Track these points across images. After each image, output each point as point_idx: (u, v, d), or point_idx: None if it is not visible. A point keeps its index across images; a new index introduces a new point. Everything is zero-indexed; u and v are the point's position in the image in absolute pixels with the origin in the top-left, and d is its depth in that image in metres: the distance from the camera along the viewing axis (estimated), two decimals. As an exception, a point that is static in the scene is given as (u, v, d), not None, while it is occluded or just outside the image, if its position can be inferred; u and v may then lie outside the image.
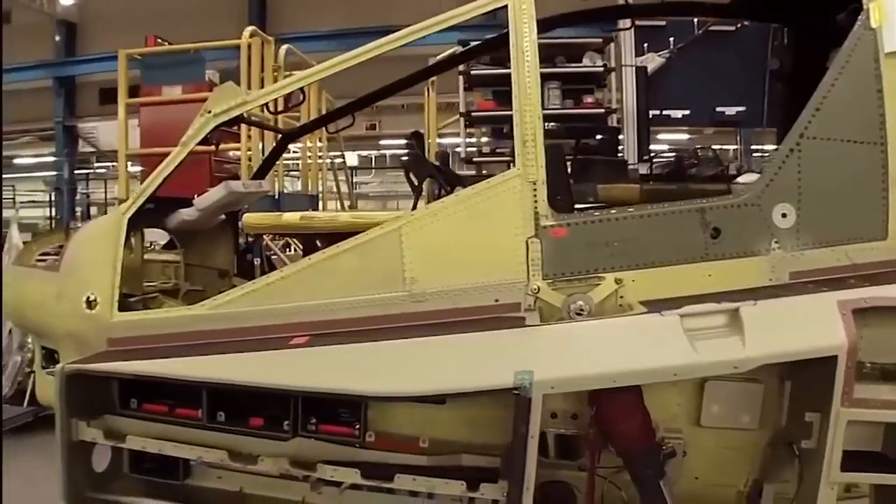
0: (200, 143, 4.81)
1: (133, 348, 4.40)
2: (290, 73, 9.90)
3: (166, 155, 4.76)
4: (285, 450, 4.17)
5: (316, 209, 9.63)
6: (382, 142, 32.97)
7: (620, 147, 9.40)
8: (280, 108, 5.64)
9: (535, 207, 4.19)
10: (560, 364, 3.69)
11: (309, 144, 10.22)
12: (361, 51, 4.45)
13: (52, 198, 32.48)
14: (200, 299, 6.10)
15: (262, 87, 8.55)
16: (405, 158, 5.12)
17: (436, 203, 4.29)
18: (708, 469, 4.22)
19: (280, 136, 6.36)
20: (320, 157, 10.26)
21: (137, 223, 4.84)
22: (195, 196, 5.32)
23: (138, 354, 4.28)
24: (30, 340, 11.07)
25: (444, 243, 4.23)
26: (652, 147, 10.38)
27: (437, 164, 4.94)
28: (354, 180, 31.29)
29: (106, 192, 35.06)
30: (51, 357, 5.11)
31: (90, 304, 4.52)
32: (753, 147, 17.03)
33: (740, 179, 7.33)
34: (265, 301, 4.30)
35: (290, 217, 6.91)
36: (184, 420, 4.24)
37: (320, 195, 9.93)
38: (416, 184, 5.15)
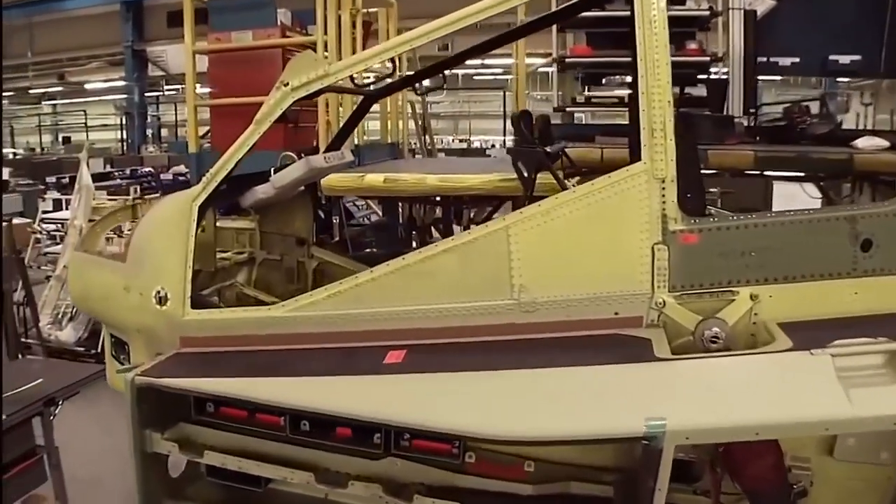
0: (277, 121, 4.28)
1: (208, 351, 4.02)
2: (368, 11, 9.28)
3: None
4: (375, 470, 3.74)
5: (397, 158, 9.11)
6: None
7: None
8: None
9: (663, 209, 3.60)
10: (695, 410, 3.12)
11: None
12: (462, 14, 3.85)
13: (123, 121, 32.59)
14: (277, 269, 5.86)
15: (339, 29, 7.92)
16: (512, 147, 4.51)
17: (549, 200, 3.71)
18: (833, 501, 3.68)
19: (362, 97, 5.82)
20: (399, 102, 9.68)
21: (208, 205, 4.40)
22: (271, 171, 4.82)
23: (214, 363, 3.90)
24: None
25: (558, 247, 3.68)
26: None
27: (547, 149, 4.29)
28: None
29: (176, 114, 35.09)
30: (121, 345, 4.79)
31: (160, 299, 4.14)
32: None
33: (858, 143, 6.58)
34: (353, 304, 3.84)
35: (374, 178, 6.36)
36: (264, 429, 3.84)
37: (400, 144, 9.38)
38: (526, 175, 4.54)
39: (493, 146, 34.08)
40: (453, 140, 37.44)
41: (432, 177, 6.40)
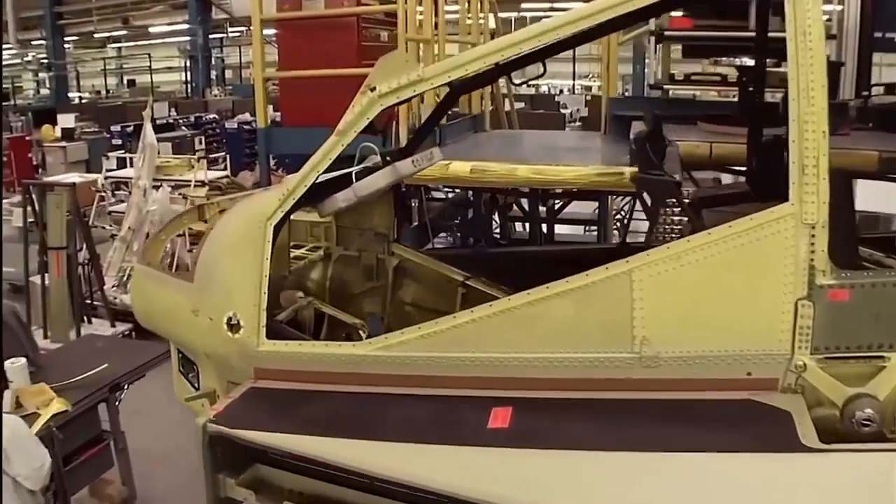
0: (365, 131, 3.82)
1: (286, 388, 3.65)
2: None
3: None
4: None
5: (478, 131, 8.53)
6: (524, 4, 30.45)
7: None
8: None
9: (811, 259, 3.08)
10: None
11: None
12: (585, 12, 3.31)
13: (187, 64, 32.42)
14: (354, 266, 5.45)
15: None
16: (637, 174, 3.95)
17: (679, 243, 3.20)
18: None
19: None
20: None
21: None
22: (352, 175, 4.33)
23: (293, 406, 3.54)
24: (168, 245, 10.79)
25: (688, 296, 3.19)
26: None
27: (676, 178, 3.70)
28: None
29: (240, 56, 34.83)
30: (189, 362, 4.47)
31: (232, 326, 3.77)
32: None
33: None
34: (449, 347, 3.41)
35: (460, 168, 5.83)
36: (347, 477, 3.47)
37: (481, 115, 8.78)
38: (652, 206, 3.98)
39: (561, 91, 33.17)
40: (521, 84, 36.47)
41: (524, 168, 5.86)
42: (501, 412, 3.19)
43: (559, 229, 9.10)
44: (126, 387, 6.17)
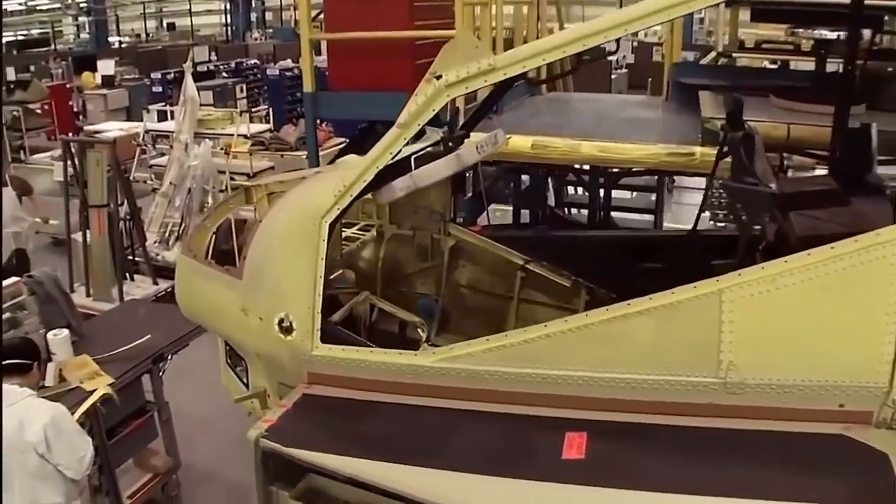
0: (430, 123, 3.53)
1: (341, 397, 3.45)
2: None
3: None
4: None
5: (534, 94, 8.14)
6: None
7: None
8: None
9: None
10: None
11: (525, 12, 8.65)
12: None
13: (227, 7, 32.06)
14: (408, 245, 5.22)
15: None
16: (728, 181, 3.58)
17: (776, 264, 2.89)
18: None
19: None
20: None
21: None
22: (411, 161, 4.05)
23: (349, 419, 3.34)
24: (210, 201, 10.63)
25: (782, 321, 2.91)
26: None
27: (772, 187, 3.33)
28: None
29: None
30: (237, 355, 4.27)
31: (285, 328, 3.55)
32: None
33: None
34: (520, 362, 3.17)
35: (520, 143, 5.50)
36: None
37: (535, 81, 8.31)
38: (744, 223, 3.60)
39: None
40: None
41: (588, 144, 5.53)
42: (576, 439, 2.95)
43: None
44: (170, 357, 6.04)
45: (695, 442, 2.93)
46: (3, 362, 4.29)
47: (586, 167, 6.98)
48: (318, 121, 8.45)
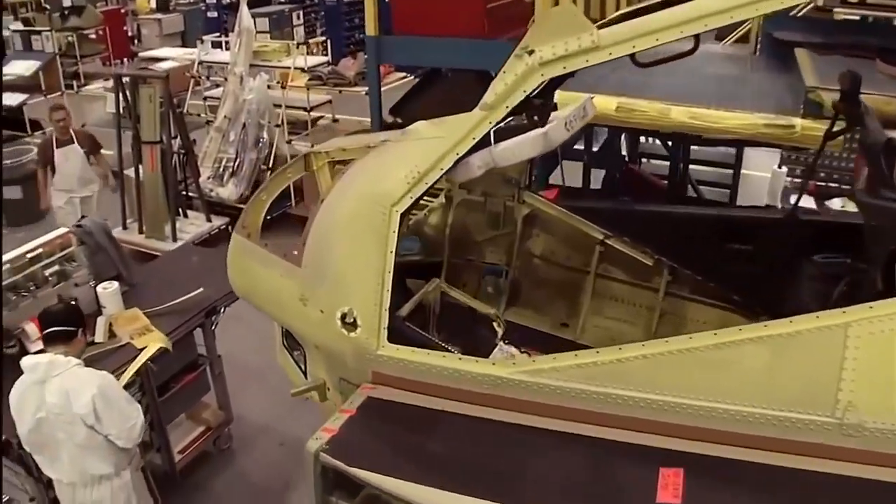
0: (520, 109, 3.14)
1: (408, 404, 3.20)
2: None
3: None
4: None
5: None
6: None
7: None
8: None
9: None
10: None
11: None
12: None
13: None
14: (479, 211, 4.89)
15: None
16: (863, 195, 3.09)
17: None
18: None
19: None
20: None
21: None
22: (490, 136, 3.65)
23: (416, 432, 3.11)
24: (265, 136, 10.34)
25: None
26: None
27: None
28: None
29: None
30: (293, 337, 4.01)
31: (348, 324, 3.28)
32: None
33: None
34: (610, 382, 2.86)
35: (603, 104, 4.91)
36: None
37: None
38: (882, 243, 3.09)
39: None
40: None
41: (678, 110, 5.04)
42: (672, 476, 2.64)
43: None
44: (222, 310, 5.85)
45: (803, 487, 2.61)
46: (47, 330, 4.11)
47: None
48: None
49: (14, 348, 5.02)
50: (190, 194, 10.12)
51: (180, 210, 9.80)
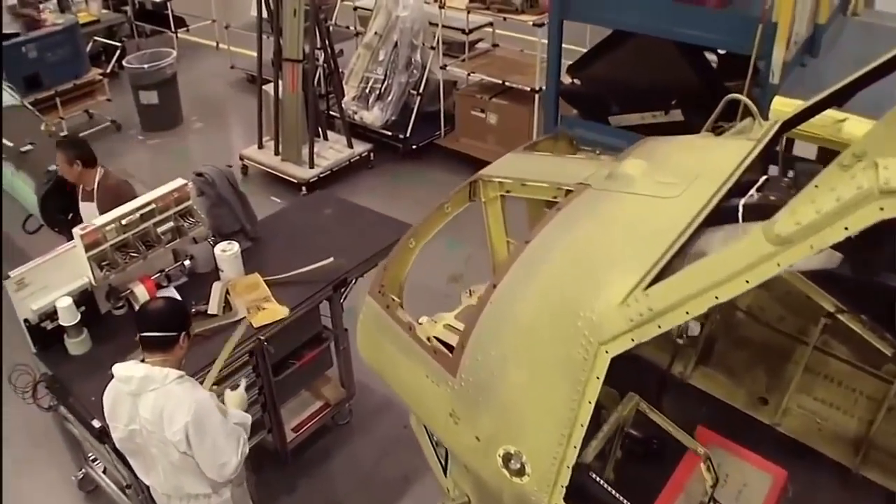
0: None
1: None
2: None
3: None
4: None
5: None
6: None
7: None
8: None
9: None
10: None
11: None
12: None
13: None
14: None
15: None
16: None
17: None
18: None
19: None
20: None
21: None
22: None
23: None
24: (418, 57, 9.37)
25: None
26: None
27: None
28: None
29: None
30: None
31: (515, 469, 2.45)
32: None
33: None
34: None
35: (858, 129, 3.62)
36: None
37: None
38: None
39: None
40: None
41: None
42: None
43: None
44: (354, 281, 5.10)
45: None
46: (143, 334, 3.38)
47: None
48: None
49: (122, 309, 4.58)
50: (331, 113, 9.36)
51: (320, 131, 9.08)
